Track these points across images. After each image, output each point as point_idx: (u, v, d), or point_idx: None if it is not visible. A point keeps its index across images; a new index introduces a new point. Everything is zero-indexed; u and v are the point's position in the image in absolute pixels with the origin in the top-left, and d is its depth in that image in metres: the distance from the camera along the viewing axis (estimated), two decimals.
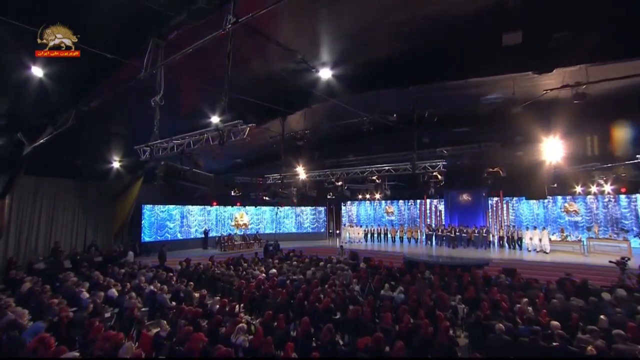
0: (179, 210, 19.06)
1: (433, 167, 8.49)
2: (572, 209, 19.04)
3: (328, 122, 8.38)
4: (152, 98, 5.41)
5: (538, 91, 7.89)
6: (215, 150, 12.25)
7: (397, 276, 10.71)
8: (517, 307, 6.76)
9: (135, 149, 6.52)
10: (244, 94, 7.68)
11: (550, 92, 7.45)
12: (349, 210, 25.58)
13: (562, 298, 7.24)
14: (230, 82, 4.90)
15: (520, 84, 7.06)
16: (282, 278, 10.70)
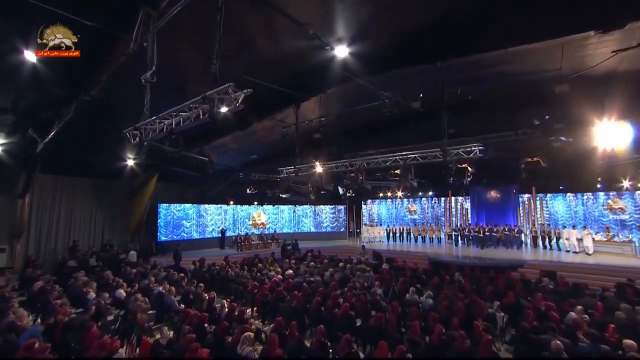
0: (195, 209, 18.82)
1: (467, 152, 7.50)
2: (617, 207, 17.21)
3: (346, 108, 7.58)
4: (143, 75, 4.84)
5: (591, 63, 6.79)
6: (227, 145, 11.82)
7: (423, 278, 9.78)
8: (571, 318, 5.71)
9: (125, 132, 5.97)
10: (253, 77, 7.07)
11: (606, 63, 6.34)
12: (370, 209, 24.63)
13: (629, 309, 6.11)
14: (221, 42, 4.21)
15: (569, 56, 6.02)
16: (299, 280, 10.01)
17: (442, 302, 6.93)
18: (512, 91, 7.93)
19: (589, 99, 7.38)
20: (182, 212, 18.24)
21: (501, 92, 7.96)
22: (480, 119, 8.60)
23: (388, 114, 6.48)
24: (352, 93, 7.70)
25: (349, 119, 9.83)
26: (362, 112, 9.24)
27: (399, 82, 7.29)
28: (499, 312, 6.61)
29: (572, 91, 7.34)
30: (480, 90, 8.04)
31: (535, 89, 7.61)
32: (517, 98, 7.95)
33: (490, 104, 8.22)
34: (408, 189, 7.44)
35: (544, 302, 6.82)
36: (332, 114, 7.73)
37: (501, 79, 7.38)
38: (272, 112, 8.90)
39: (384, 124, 9.78)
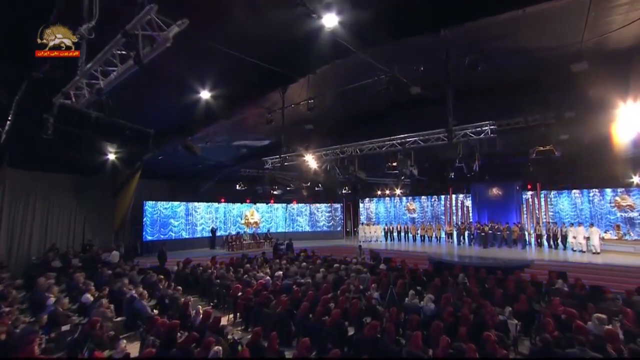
0: (183, 207, 17.93)
1: (477, 133, 6.63)
2: (625, 204, 16.42)
3: (337, 89, 6.73)
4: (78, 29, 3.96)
5: (616, 37, 5.99)
6: (209, 135, 10.94)
7: (423, 280, 8.95)
8: (604, 329, 4.88)
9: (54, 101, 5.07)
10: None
11: (634, 33, 5.51)
12: (368, 207, 23.80)
13: None
14: None
15: (594, 24, 5.20)
16: (288, 282, 9.16)
17: (445, 307, 6.09)
18: (524, 72, 7.12)
19: (611, 78, 6.56)
20: (170, 211, 17.36)
21: (512, 73, 7.14)
22: (487, 105, 7.77)
23: (384, 91, 5.65)
24: (343, 73, 6.86)
25: (345, 106, 8.98)
26: (358, 98, 8.41)
27: (396, 60, 6.45)
28: (512, 320, 5.78)
29: (592, 70, 6.54)
30: (489, 72, 7.22)
31: (551, 70, 6.80)
32: (530, 80, 7.13)
33: (499, 87, 7.40)
34: (407, 176, 6.60)
35: (562, 307, 5.99)
36: (322, 95, 6.88)
37: (513, 58, 6.56)
38: (256, 96, 8.05)
39: (383, 112, 8.95)
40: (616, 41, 6.40)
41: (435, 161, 12.28)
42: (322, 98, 7.70)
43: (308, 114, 9.13)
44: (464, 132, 6.60)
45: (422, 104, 8.08)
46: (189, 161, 15.55)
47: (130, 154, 12.68)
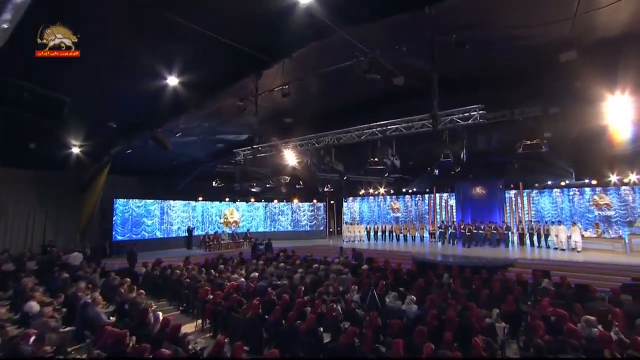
0: (158, 205, 16.99)
1: (464, 118, 6.17)
2: (603, 202, 16.64)
3: (315, 72, 6.17)
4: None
5: (605, 25, 5.71)
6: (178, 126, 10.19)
7: (407, 281, 8.53)
8: (595, 332, 4.52)
9: None
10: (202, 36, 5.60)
11: (623, 21, 5.24)
12: (351, 206, 23.39)
13: None
14: None
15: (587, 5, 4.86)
16: (263, 284, 8.56)
17: (430, 310, 5.64)
18: (512, 62, 6.79)
19: (599, 68, 6.29)
20: (143, 209, 16.40)
21: (499, 62, 6.81)
22: (472, 97, 7.40)
23: (364, 74, 5.15)
24: (322, 60, 6.32)
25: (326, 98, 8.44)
26: (339, 89, 7.90)
27: (378, 45, 5.96)
28: (499, 323, 5.39)
29: (580, 60, 6.27)
30: (475, 61, 6.86)
31: (539, 59, 6.49)
32: (517, 70, 6.82)
33: (485, 78, 7.06)
34: (388, 167, 6.12)
35: (551, 308, 5.65)
36: (299, 80, 6.31)
37: (500, 45, 6.21)
38: (228, 83, 7.42)
39: (366, 104, 8.45)
40: (604, 29, 6.14)
41: (420, 158, 11.94)
42: (301, 88, 7.14)
43: (287, 106, 8.57)
44: (450, 117, 6.13)
45: (407, 95, 7.66)
46: (163, 157, 14.68)
47: (96, 147, 11.77)
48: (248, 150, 8.34)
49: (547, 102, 7.16)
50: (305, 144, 7.59)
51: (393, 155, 6.08)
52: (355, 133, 6.80)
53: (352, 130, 6.94)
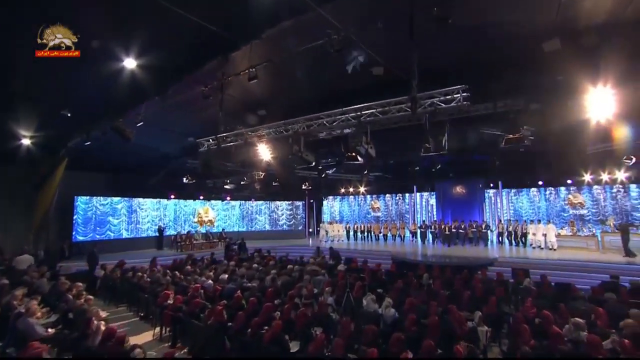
0: (125, 203, 15.91)
1: (446, 101, 5.73)
2: (577, 201, 16.97)
3: (283, 54, 5.59)
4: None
5: (588, 13, 5.46)
6: (140, 115, 9.36)
7: (385, 282, 8.10)
8: (584, 336, 4.19)
9: None
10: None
11: (608, 8, 4.98)
12: (332, 205, 22.95)
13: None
14: None
15: None
16: (232, 286, 7.91)
17: (408, 314, 5.19)
18: (494, 51, 6.48)
19: (581, 59, 6.06)
20: (109, 207, 15.30)
21: (481, 51, 6.48)
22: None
23: (335, 52, 4.64)
24: (294, 39, 5.77)
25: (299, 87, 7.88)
26: (315, 77, 7.33)
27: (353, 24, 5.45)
28: (482, 327, 5.00)
29: (563, 50, 6.03)
30: (456, 50, 6.50)
31: (522, 49, 6.21)
32: (500, 61, 6.50)
33: (467, 69, 6.71)
34: (363, 156, 5.60)
35: (534, 310, 5.33)
36: (269, 61, 5.71)
37: (483, 32, 5.87)
38: (192, 67, 6.73)
39: (343, 94, 7.92)
40: (588, 17, 5.90)
41: (398, 151, 11.58)
42: (271, 73, 6.54)
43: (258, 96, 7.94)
44: (430, 100, 5.66)
45: (386, 85, 7.20)
46: (130, 152, 13.73)
47: (50, 139, 10.72)
48: (212, 140, 7.62)
49: (530, 94, 6.90)
50: (272, 132, 6.92)
51: (368, 144, 5.56)
52: (327, 120, 6.21)
53: (324, 117, 6.33)
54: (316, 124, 6.22)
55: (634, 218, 15.29)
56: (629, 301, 6.13)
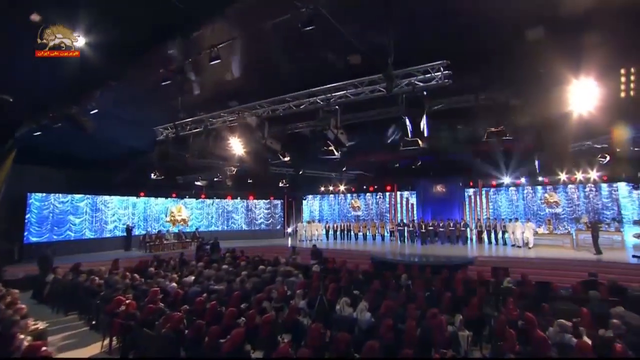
0: (88, 201, 14.79)
1: (425, 80, 5.24)
2: (552, 200, 17.26)
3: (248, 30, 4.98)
4: None
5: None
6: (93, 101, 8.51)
7: (362, 283, 7.65)
8: (570, 339, 3.86)
9: None
10: None
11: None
12: (311, 205, 22.44)
13: (624, 315, 4.49)
14: None
15: None
16: (196, 289, 7.24)
17: (384, 319, 4.73)
18: (475, 40, 6.15)
19: (563, 50, 5.82)
20: (69, 205, 14.16)
21: (462, 41, 6.13)
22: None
23: (303, 28, 4.12)
24: (261, 15, 5.19)
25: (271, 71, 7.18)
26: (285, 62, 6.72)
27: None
28: (463, 331, 4.61)
29: (546, 39, 5.78)
30: (436, 38, 6.12)
31: (504, 38, 5.89)
32: (481, 50, 6.19)
33: (448, 58, 6.35)
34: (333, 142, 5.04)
35: (517, 312, 5.01)
36: (230, 39, 5.09)
37: (463, 20, 5.51)
38: (149, 47, 6.03)
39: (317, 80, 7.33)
40: (571, 5, 5.64)
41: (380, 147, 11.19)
42: (236, 54, 5.91)
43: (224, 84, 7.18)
44: (408, 80, 5.15)
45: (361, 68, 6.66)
46: (93, 146, 12.73)
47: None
48: (170, 128, 6.88)
49: (512, 86, 6.64)
50: (237, 118, 6.27)
51: (338, 128, 5.03)
52: (293, 103, 5.59)
53: (290, 99, 5.71)
54: (282, 107, 5.62)
55: (605, 217, 15.66)
56: (609, 299, 5.97)
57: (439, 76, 5.02)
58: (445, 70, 5.07)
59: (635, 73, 5.76)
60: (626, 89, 5.87)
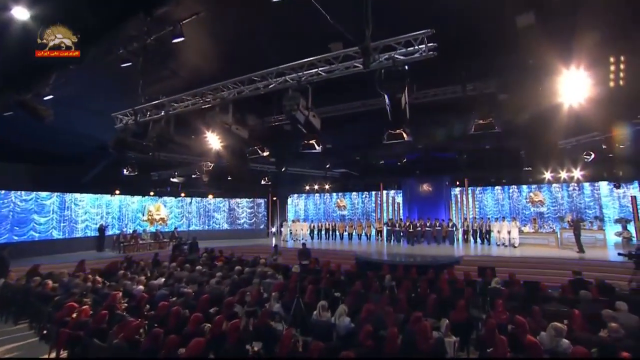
0: (56, 199, 13.87)
1: (407, 53, 4.71)
2: (537, 199, 17.30)
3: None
4: None
5: None
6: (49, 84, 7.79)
7: (344, 284, 7.21)
8: (566, 345, 3.50)
9: None
10: None
11: None
12: (296, 204, 21.91)
13: (623, 316, 4.19)
14: None
15: None
16: (164, 292, 6.65)
17: (363, 323, 4.29)
18: (462, 27, 5.80)
19: (553, 38, 5.53)
20: (34, 203, 13.22)
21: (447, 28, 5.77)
22: (419, 70, 6.33)
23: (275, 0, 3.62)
24: None
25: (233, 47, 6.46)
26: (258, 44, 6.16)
27: None
28: (449, 337, 4.21)
29: (536, 26, 5.46)
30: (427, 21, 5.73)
31: (492, 25, 5.56)
32: (469, 38, 5.85)
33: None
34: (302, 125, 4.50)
35: (506, 315, 4.65)
36: (194, 14, 4.54)
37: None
38: (109, 25, 5.40)
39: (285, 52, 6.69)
40: None
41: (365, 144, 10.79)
42: (204, 36, 5.34)
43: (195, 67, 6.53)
44: (388, 54, 4.60)
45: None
46: (60, 139, 11.90)
47: None
48: (129, 113, 6.21)
49: (501, 77, 6.32)
50: (198, 102, 5.63)
51: (308, 109, 4.49)
52: (261, 84, 4.95)
53: (257, 78, 5.06)
54: (248, 89, 5.07)
55: (587, 215, 15.75)
56: (600, 299, 5.72)
57: (422, 49, 4.58)
58: (430, 42, 4.63)
59: (625, 61, 5.53)
60: (615, 78, 5.63)
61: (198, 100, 5.50)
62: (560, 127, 6.11)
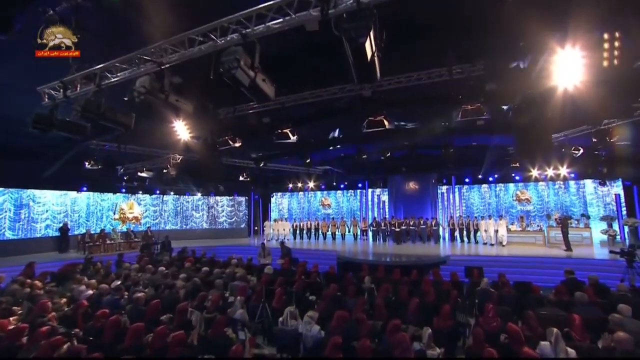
0: (11, 196, 12.73)
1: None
2: (524, 197, 17.07)
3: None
4: None
5: None
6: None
7: (320, 287, 6.52)
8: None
9: None
10: None
11: None
12: (280, 202, 21.15)
13: (625, 323, 3.65)
14: None
15: None
16: (111, 298, 5.83)
17: (333, 334, 3.62)
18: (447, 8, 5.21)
19: (547, 15, 4.99)
20: None
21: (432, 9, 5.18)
22: (406, 51, 5.74)
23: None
24: None
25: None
26: None
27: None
28: (432, 349, 3.57)
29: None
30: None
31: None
32: (455, 18, 5.27)
33: (417, 28, 5.40)
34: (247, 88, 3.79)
35: (496, 323, 4.06)
36: None
37: None
38: None
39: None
40: None
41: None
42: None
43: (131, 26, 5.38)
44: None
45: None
46: (15, 130, 10.78)
47: None
48: (57, 87, 5.26)
49: (488, 58, 5.78)
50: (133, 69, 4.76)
51: (255, 69, 3.63)
52: (208, 43, 4.04)
53: (196, 35, 4.14)
54: (188, 52, 4.25)
55: (573, 213, 15.56)
56: (597, 301, 5.23)
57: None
58: None
59: (620, 39, 5.04)
60: (609, 56, 5.14)
61: (134, 68, 4.71)
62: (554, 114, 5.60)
